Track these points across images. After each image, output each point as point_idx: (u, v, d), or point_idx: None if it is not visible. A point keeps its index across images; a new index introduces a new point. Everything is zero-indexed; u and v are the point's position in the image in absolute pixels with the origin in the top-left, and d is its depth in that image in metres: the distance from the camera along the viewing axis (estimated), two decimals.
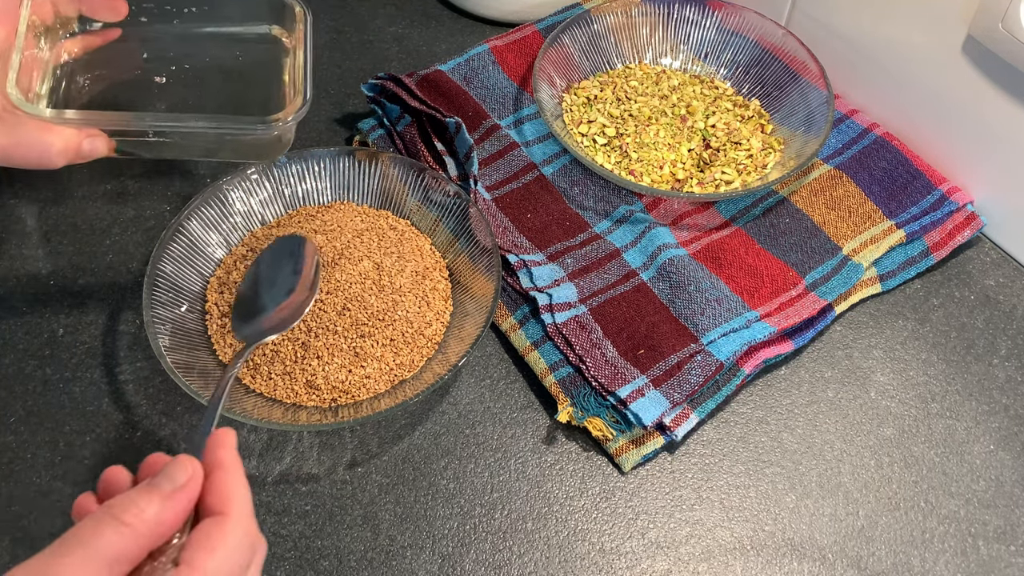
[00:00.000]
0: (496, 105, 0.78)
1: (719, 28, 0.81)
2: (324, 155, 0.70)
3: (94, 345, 0.65)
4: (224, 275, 0.66)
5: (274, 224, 0.69)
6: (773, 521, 0.59)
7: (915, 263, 0.70)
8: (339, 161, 0.71)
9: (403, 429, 0.62)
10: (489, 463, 0.61)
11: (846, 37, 0.78)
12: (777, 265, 0.68)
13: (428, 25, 0.90)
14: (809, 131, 0.73)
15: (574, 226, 0.71)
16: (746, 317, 0.64)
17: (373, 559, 0.56)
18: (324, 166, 0.71)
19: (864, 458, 0.62)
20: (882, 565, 0.57)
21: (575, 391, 0.62)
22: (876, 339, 0.68)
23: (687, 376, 0.61)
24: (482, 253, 0.66)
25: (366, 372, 0.61)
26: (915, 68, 0.73)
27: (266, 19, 0.65)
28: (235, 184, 0.68)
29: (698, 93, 0.79)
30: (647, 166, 0.74)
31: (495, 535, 0.58)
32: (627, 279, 0.68)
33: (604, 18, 0.81)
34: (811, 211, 0.72)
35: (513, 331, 0.66)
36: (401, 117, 0.75)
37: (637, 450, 0.60)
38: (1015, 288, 0.71)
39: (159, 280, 0.63)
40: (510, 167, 0.74)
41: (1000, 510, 0.59)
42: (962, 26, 0.67)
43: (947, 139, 0.73)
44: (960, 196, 0.72)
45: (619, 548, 0.57)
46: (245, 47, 0.65)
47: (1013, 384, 0.65)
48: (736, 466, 0.61)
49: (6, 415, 0.62)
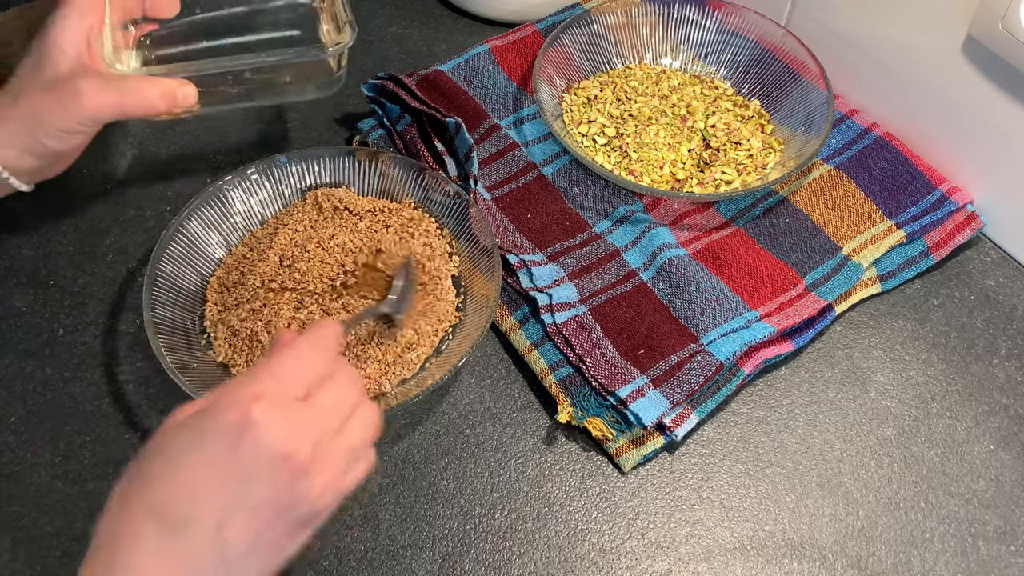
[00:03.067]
0: (496, 105, 0.78)
1: (719, 28, 0.81)
2: (324, 154, 0.70)
3: (94, 345, 0.65)
4: (224, 275, 0.66)
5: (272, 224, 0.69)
6: (773, 521, 0.59)
7: (915, 263, 0.70)
8: (339, 161, 0.71)
9: (403, 429, 0.62)
10: (489, 463, 0.61)
11: (846, 37, 0.78)
12: (777, 265, 0.68)
13: (428, 25, 0.90)
14: (809, 131, 0.73)
15: (574, 226, 0.71)
16: (746, 317, 0.64)
17: (373, 559, 0.56)
18: (324, 166, 0.71)
19: (864, 458, 0.62)
20: (882, 565, 0.57)
21: (575, 391, 0.62)
22: (876, 339, 0.68)
23: (687, 376, 0.61)
24: (482, 254, 0.66)
25: (366, 372, 0.61)
26: (915, 68, 0.73)
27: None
28: (235, 184, 0.68)
29: (698, 93, 0.79)
30: (647, 166, 0.73)
31: (495, 535, 0.58)
32: (627, 279, 0.67)
33: (604, 18, 0.81)
34: (811, 211, 0.72)
35: (513, 331, 0.66)
36: (401, 117, 0.75)
37: (637, 450, 0.60)
38: (1015, 288, 0.71)
39: (159, 280, 0.63)
40: (510, 167, 0.74)
41: (1000, 510, 0.59)
42: (962, 26, 0.67)
43: (947, 139, 0.73)
44: (960, 196, 0.72)
45: (619, 548, 0.57)
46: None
47: (1013, 384, 0.65)
48: (736, 466, 0.61)
49: (6, 415, 0.62)
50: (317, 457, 0.43)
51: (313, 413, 0.44)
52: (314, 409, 0.44)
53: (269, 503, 0.42)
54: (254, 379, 0.44)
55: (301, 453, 0.42)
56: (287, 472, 0.42)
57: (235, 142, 0.79)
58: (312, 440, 0.43)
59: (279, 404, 0.43)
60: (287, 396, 0.44)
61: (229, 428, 0.42)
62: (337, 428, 0.45)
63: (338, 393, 0.45)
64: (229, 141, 0.79)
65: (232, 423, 0.42)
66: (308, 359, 0.45)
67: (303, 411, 0.44)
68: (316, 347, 0.46)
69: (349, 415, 0.46)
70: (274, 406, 0.42)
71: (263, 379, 0.44)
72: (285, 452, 0.42)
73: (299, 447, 0.42)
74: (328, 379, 0.46)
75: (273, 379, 0.44)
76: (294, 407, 0.44)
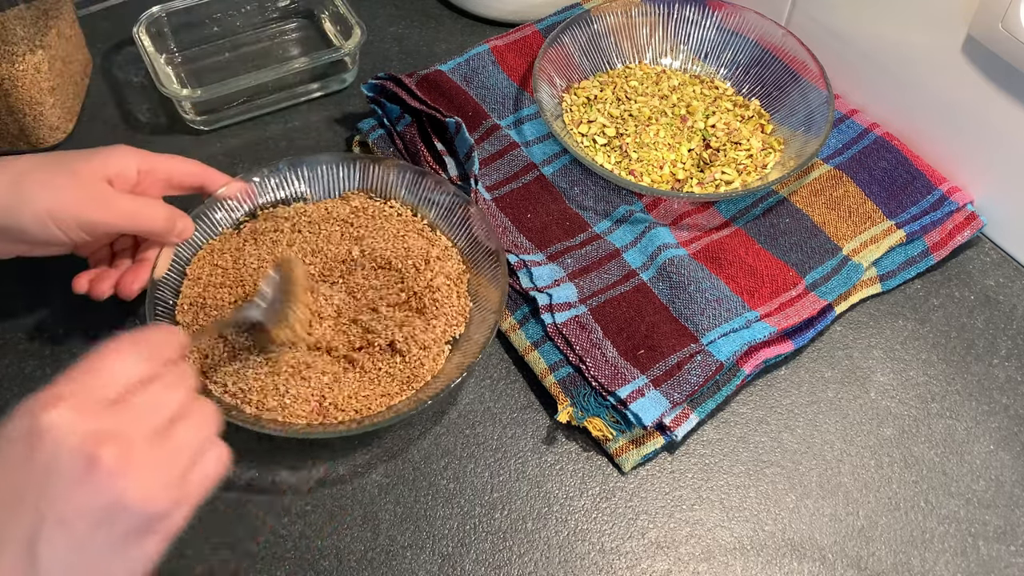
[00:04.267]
0: (496, 105, 0.78)
1: (719, 28, 0.81)
2: (326, 160, 0.70)
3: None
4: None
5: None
6: (773, 521, 0.59)
7: (915, 263, 0.70)
8: (340, 167, 0.70)
9: (403, 429, 0.62)
10: (489, 463, 0.61)
11: (846, 37, 0.78)
12: (777, 265, 0.68)
13: (428, 25, 0.90)
14: (809, 131, 0.73)
15: (574, 226, 0.71)
16: (746, 317, 0.64)
17: (373, 559, 0.56)
18: (322, 172, 0.70)
19: (864, 458, 0.62)
20: (882, 565, 0.57)
21: (575, 391, 0.62)
22: (876, 339, 0.68)
23: (687, 376, 0.61)
24: (485, 256, 0.66)
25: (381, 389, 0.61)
26: (915, 68, 0.73)
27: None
28: (238, 187, 0.68)
29: (698, 93, 0.79)
30: (647, 166, 0.73)
31: (495, 535, 0.58)
32: (627, 279, 0.67)
33: (604, 18, 0.81)
34: (811, 211, 0.72)
35: (513, 331, 0.66)
36: (401, 117, 0.75)
37: (637, 450, 0.60)
38: (1015, 288, 0.71)
39: (162, 278, 0.63)
40: (510, 167, 0.74)
41: (1000, 510, 0.59)
42: (962, 26, 0.67)
43: (947, 139, 0.73)
44: (960, 196, 0.72)
45: (619, 548, 0.57)
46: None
47: (1013, 384, 0.65)
48: (736, 466, 0.61)
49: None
50: (134, 456, 0.39)
51: (124, 413, 0.40)
52: (126, 409, 0.40)
53: (80, 512, 0.38)
54: (59, 383, 0.40)
55: (107, 453, 0.38)
56: (96, 475, 0.38)
57: (237, 143, 0.79)
58: (123, 439, 0.39)
59: (79, 407, 0.39)
60: (91, 398, 0.40)
61: (20, 437, 0.38)
62: (158, 427, 0.41)
63: (157, 391, 0.42)
64: (234, 142, 0.79)
65: (24, 431, 0.38)
66: (126, 360, 0.42)
67: (110, 412, 0.40)
68: (139, 347, 0.42)
69: (177, 414, 0.42)
70: (73, 409, 0.39)
71: (67, 383, 0.40)
72: (88, 453, 0.38)
73: (102, 447, 0.38)
74: (151, 381, 0.42)
75: (77, 382, 0.40)
76: (98, 409, 0.40)
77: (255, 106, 0.81)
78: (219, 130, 0.80)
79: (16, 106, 0.71)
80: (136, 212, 0.59)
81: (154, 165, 0.61)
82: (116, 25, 0.87)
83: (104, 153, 0.59)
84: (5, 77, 0.69)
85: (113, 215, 0.58)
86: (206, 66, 0.84)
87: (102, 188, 0.58)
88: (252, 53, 0.86)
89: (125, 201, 0.58)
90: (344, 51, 0.79)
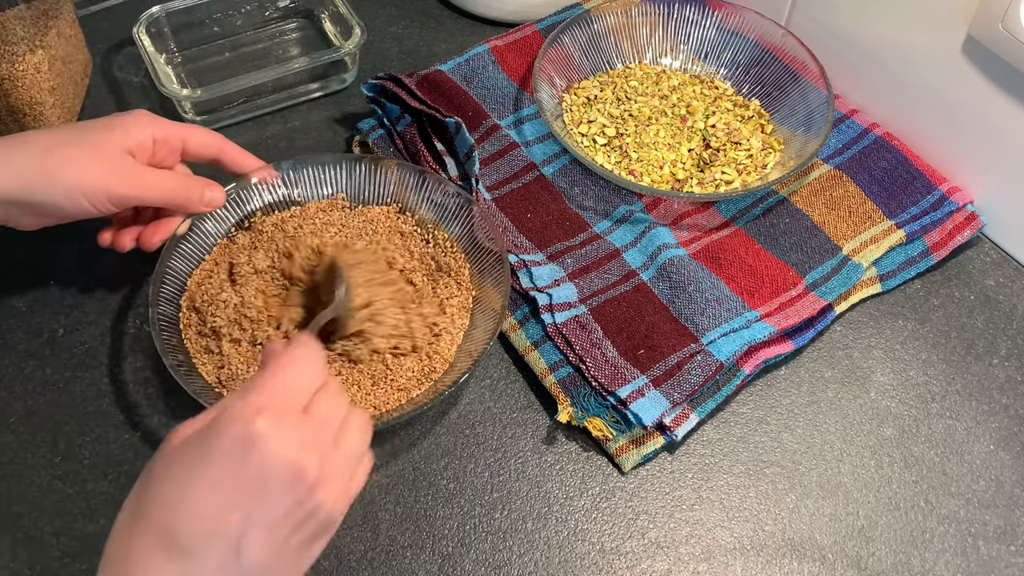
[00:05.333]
0: (496, 105, 0.78)
1: (719, 28, 0.81)
2: (330, 160, 0.70)
3: (94, 345, 0.65)
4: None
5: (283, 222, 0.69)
6: (773, 521, 0.59)
7: (915, 263, 0.70)
8: (344, 167, 0.70)
9: (403, 429, 0.62)
10: (489, 463, 0.61)
11: (846, 37, 0.78)
12: (777, 265, 0.68)
13: (428, 25, 0.90)
14: (809, 131, 0.73)
15: (574, 226, 0.71)
16: (746, 317, 0.64)
17: (373, 559, 0.56)
18: (327, 171, 0.70)
19: (864, 458, 0.62)
20: (882, 565, 0.57)
21: (575, 391, 0.62)
22: (876, 339, 0.68)
23: (687, 376, 0.61)
24: (487, 256, 0.66)
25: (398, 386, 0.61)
26: (915, 68, 0.73)
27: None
28: (244, 184, 0.68)
29: (698, 93, 0.79)
30: (647, 166, 0.73)
31: (495, 535, 0.58)
32: (627, 279, 0.67)
33: (604, 18, 0.81)
34: (811, 211, 0.72)
35: (513, 331, 0.66)
36: (401, 117, 0.75)
37: (637, 450, 0.60)
38: (1015, 288, 0.71)
39: (167, 277, 0.63)
40: (510, 167, 0.74)
41: (1000, 510, 0.59)
42: (962, 26, 0.67)
43: (947, 139, 0.73)
44: (960, 196, 0.72)
45: (619, 548, 0.57)
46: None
47: (1013, 384, 0.65)
48: (736, 466, 0.61)
49: (6, 415, 0.62)
50: (327, 466, 0.43)
51: (313, 422, 0.44)
52: (313, 418, 0.44)
53: (286, 517, 0.42)
54: (255, 392, 0.43)
55: (312, 464, 0.42)
56: (303, 484, 0.42)
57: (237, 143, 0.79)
58: (318, 449, 0.43)
59: (283, 416, 0.42)
60: (289, 408, 0.43)
61: (235, 444, 0.41)
62: (335, 435, 0.45)
63: (331, 402, 0.45)
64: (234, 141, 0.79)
65: (238, 438, 0.41)
66: (303, 369, 0.45)
67: (304, 422, 0.43)
68: (309, 357, 0.46)
69: (343, 423, 0.46)
70: (279, 418, 0.42)
71: (263, 392, 0.43)
72: (298, 464, 0.42)
73: (310, 458, 0.42)
74: (321, 389, 0.45)
75: (273, 392, 0.43)
76: (298, 419, 0.43)
77: (255, 106, 0.81)
78: (219, 130, 0.79)
79: (16, 106, 0.71)
80: (165, 186, 0.61)
81: (169, 134, 0.62)
82: (116, 25, 0.87)
83: (122, 124, 0.60)
84: (5, 77, 0.69)
85: (142, 189, 0.59)
86: (206, 66, 0.84)
87: (126, 162, 0.59)
88: (252, 53, 0.86)
89: (152, 175, 0.60)
90: (344, 51, 0.79)
